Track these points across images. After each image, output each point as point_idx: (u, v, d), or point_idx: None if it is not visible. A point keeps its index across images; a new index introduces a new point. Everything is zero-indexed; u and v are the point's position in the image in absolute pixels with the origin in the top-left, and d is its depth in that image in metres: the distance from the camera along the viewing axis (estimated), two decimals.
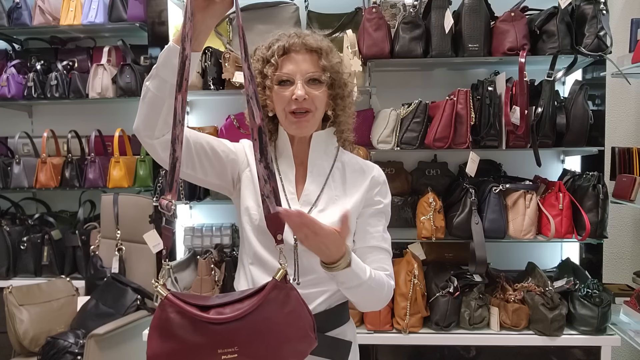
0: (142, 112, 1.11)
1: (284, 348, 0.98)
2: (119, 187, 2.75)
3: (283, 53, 1.19)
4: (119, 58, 2.93)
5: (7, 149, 3.04)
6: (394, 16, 2.35)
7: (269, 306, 0.97)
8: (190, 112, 2.69)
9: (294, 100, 1.15)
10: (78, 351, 2.20)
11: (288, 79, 1.17)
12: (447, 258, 2.38)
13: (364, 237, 1.24)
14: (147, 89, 1.08)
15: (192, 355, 0.95)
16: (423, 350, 2.12)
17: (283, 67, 1.18)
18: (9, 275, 2.78)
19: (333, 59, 1.21)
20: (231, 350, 0.95)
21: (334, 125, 1.27)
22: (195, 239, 2.50)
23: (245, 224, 1.21)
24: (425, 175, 2.44)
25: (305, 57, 1.18)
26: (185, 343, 0.95)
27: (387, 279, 1.21)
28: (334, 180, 1.25)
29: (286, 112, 1.18)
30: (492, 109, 2.13)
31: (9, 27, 2.89)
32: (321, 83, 1.18)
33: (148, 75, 1.09)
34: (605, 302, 2.03)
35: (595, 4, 2.07)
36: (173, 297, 0.99)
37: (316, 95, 1.17)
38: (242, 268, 1.25)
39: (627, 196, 2.20)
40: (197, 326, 0.95)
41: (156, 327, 0.97)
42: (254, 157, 1.01)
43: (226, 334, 0.95)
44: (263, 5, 2.43)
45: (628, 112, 2.68)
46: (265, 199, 0.99)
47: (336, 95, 1.22)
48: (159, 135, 1.11)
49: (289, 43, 1.19)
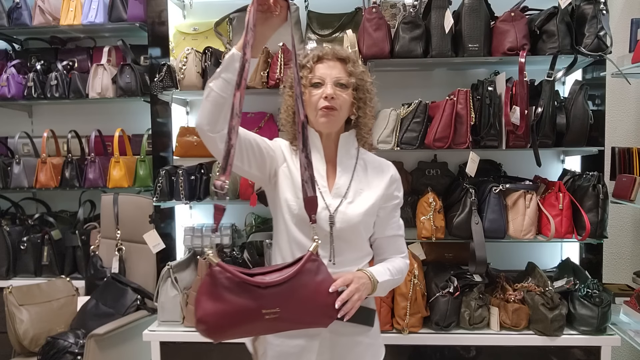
0: (206, 110, 1.23)
1: (317, 309, 1.19)
2: (119, 187, 2.75)
3: (317, 60, 1.40)
4: (119, 58, 2.93)
5: (7, 149, 3.04)
6: (394, 16, 2.35)
7: (305, 275, 1.18)
8: (190, 112, 2.69)
9: (323, 98, 1.35)
10: (78, 351, 2.20)
11: (320, 82, 1.37)
12: (447, 258, 2.38)
13: (384, 228, 1.46)
14: (210, 89, 1.22)
15: (240, 315, 1.13)
16: (423, 350, 2.12)
17: (316, 72, 1.39)
18: (9, 275, 2.78)
19: (358, 68, 1.42)
20: (274, 311, 1.13)
21: (356, 127, 1.45)
22: (195, 239, 2.50)
23: (285, 213, 1.38)
24: (425, 175, 2.44)
25: (336, 64, 1.39)
26: (234, 304, 1.12)
27: (403, 262, 1.47)
28: (358, 176, 1.43)
29: (317, 109, 1.36)
30: (492, 109, 2.13)
31: (9, 27, 2.89)
32: (347, 87, 1.38)
33: (211, 78, 1.23)
34: (605, 302, 2.03)
35: (595, 4, 2.07)
36: (224, 265, 1.14)
37: (342, 96, 1.37)
38: (279, 252, 1.41)
39: (627, 196, 2.21)
40: (245, 289, 1.13)
41: (206, 291, 1.13)
42: (296, 155, 1.27)
43: (270, 296, 1.14)
44: None
45: (628, 112, 2.68)
46: (304, 183, 1.24)
47: (360, 99, 1.41)
48: (220, 129, 1.24)
49: (322, 52, 1.41)
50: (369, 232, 1.44)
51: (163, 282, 2.21)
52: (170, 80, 2.31)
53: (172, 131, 2.54)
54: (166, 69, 2.30)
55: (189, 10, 2.64)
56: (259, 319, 1.14)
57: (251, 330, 1.20)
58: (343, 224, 1.35)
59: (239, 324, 1.15)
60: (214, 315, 1.12)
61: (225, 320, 1.14)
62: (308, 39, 2.45)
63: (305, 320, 1.20)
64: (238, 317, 1.13)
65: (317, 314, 1.20)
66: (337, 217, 1.35)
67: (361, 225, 1.38)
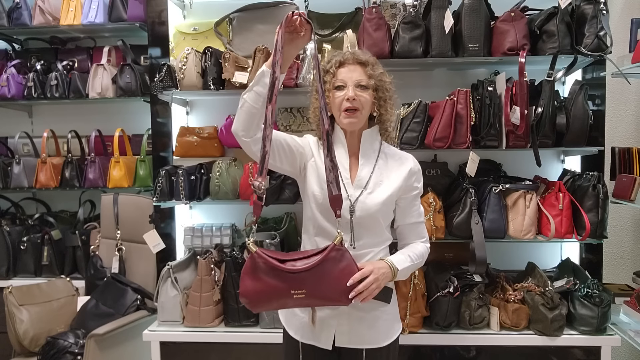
0: (241, 118, 1.40)
1: (339, 293, 1.37)
2: (119, 187, 2.75)
3: (339, 65, 1.53)
4: (119, 58, 2.93)
5: (7, 149, 3.04)
6: (394, 16, 2.35)
7: (328, 262, 1.37)
8: (190, 112, 2.69)
9: (346, 100, 1.48)
10: (78, 351, 2.20)
11: (342, 84, 1.50)
12: (447, 258, 2.38)
13: (404, 216, 1.60)
14: (244, 101, 1.39)
15: (273, 293, 1.36)
16: (423, 350, 2.12)
17: (338, 76, 1.52)
18: (9, 275, 2.78)
19: (377, 70, 1.54)
20: (300, 292, 1.35)
21: (379, 123, 1.59)
22: (195, 239, 2.51)
23: (312, 203, 1.54)
24: (425, 175, 2.40)
25: (356, 67, 1.52)
26: (268, 285, 1.36)
27: (424, 246, 1.61)
28: (379, 168, 1.56)
29: (340, 110, 1.50)
30: (492, 109, 2.13)
31: (9, 27, 2.89)
32: (367, 88, 1.51)
33: (245, 90, 1.39)
34: (605, 302, 2.03)
35: (595, 4, 2.07)
36: (261, 252, 1.37)
37: (363, 97, 1.50)
38: (308, 238, 1.59)
39: (627, 196, 2.21)
40: (276, 274, 1.35)
41: (248, 272, 1.37)
42: (323, 152, 1.44)
43: (298, 280, 1.35)
44: (263, 5, 2.43)
45: (628, 112, 2.68)
46: (329, 184, 1.40)
47: (380, 98, 1.55)
48: (253, 135, 1.41)
49: (343, 58, 1.53)
50: (387, 220, 1.57)
51: (163, 282, 2.21)
52: (170, 80, 2.31)
53: (172, 131, 2.54)
54: (166, 69, 2.30)
55: (189, 10, 2.64)
56: (288, 297, 1.36)
57: (283, 305, 1.42)
58: (362, 212, 1.49)
59: (272, 300, 1.38)
60: (253, 292, 1.37)
61: (261, 297, 1.37)
62: None
63: (328, 300, 1.39)
64: (271, 294, 1.36)
65: (338, 297, 1.38)
66: (357, 207, 1.49)
67: (379, 214, 1.51)
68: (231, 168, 2.33)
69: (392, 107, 1.59)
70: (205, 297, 2.17)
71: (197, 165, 2.37)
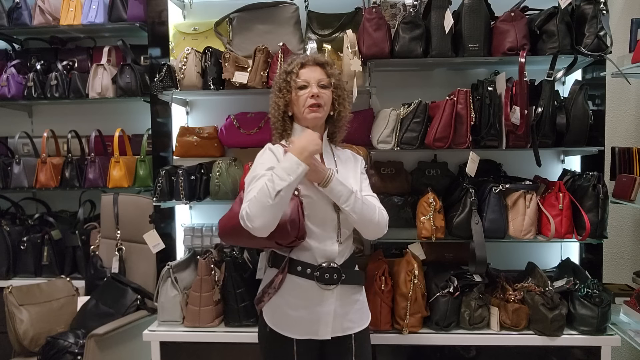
0: (272, 214, 1.47)
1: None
2: (119, 187, 2.75)
3: (301, 66, 1.68)
4: (119, 58, 2.93)
5: (7, 149, 3.04)
6: (394, 16, 2.35)
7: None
8: (190, 112, 2.69)
9: (310, 97, 1.63)
10: (78, 351, 2.20)
11: (305, 84, 1.65)
12: (447, 258, 2.38)
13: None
14: (280, 197, 1.46)
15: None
16: (423, 350, 2.12)
17: (301, 76, 1.66)
18: (9, 275, 2.78)
19: (335, 70, 1.72)
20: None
21: (337, 121, 1.73)
22: (195, 239, 2.51)
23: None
24: (425, 175, 2.44)
25: (316, 68, 1.68)
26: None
27: (378, 204, 1.70)
28: (339, 166, 1.73)
29: (305, 107, 1.64)
30: (492, 109, 2.13)
31: (9, 27, 2.89)
32: (328, 87, 1.67)
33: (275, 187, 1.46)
34: (605, 302, 2.03)
35: (595, 4, 2.07)
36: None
37: (325, 94, 1.66)
38: None
39: (627, 196, 2.20)
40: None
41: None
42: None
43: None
44: (263, 5, 2.43)
45: (628, 112, 2.68)
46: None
47: (339, 96, 1.71)
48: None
49: (304, 59, 1.69)
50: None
51: (163, 282, 2.21)
52: (170, 80, 2.31)
53: (172, 131, 2.54)
54: (166, 69, 2.30)
55: (189, 10, 2.64)
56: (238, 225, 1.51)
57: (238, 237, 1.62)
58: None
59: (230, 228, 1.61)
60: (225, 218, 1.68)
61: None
62: (308, 39, 2.45)
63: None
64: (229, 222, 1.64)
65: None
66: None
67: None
68: (231, 168, 2.33)
69: (349, 105, 1.75)
70: (205, 297, 2.17)
71: (197, 165, 2.37)
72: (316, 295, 1.62)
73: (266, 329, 1.67)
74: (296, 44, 2.41)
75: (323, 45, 2.32)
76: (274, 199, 1.43)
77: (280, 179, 1.45)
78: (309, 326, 1.62)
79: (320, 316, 1.62)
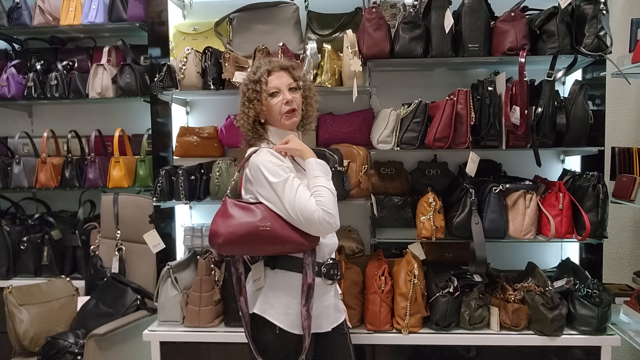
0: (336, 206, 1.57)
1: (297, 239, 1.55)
2: (119, 187, 2.75)
3: (268, 74, 1.67)
4: (119, 58, 2.93)
5: (7, 149, 3.04)
6: (394, 16, 2.35)
7: None
8: (190, 112, 2.69)
9: (285, 104, 1.66)
10: (78, 351, 2.20)
11: (276, 90, 1.66)
12: (447, 258, 2.38)
13: None
14: (331, 192, 1.58)
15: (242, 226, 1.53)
16: (423, 350, 2.12)
17: (270, 84, 1.66)
18: (9, 275, 2.78)
19: (300, 72, 1.76)
20: (265, 225, 1.53)
21: (304, 119, 1.77)
22: (195, 239, 2.50)
23: None
24: (425, 175, 2.44)
25: (283, 73, 1.69)
26: (238, 218, 1.55)
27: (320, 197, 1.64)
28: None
29: (281, 114, 1.66)
30: (492, 109, 2.13)
31: (9, 27, 2.89)
32: (297, 90, 1.71)
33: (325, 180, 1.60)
34: (605, 302, 2.03)
35: (595, 4, 2.07)
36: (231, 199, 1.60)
37: (296, 97, 1.69)
38: None
39: (627, 196, 2.20)
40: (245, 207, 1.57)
41: (219, 214, 1.58)
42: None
43: (264, 216, 1.54)
44: (263, 5, 2.43)
45: (628, 112, 2.68)
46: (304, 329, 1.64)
47: (307, 96, 1.75)
48: None
49: (270, 66, 1.69)
50: None
51: (163, 282, 2.21)
52: (170, 80, 2.31)
53: (172, 131, 2.54)
54: (166, 69, 2.30)
55: (189, 10, 2.64)
56: (256, 231, 1.52)
57: (251, 241, 1.54)
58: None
59: (240, 235, 1.52)
60: (223, 228, 1.54)
61: (230, 230, 1.53)
62: (308, 39, 2.45)
63: (290, 240, 1.53)
64: (239, 227, 1.53)
65: (298, 237, 1.53)
66: None
67: None
68: (231, 168, 2.33)
69: (316, 103, 1.78)
70: (205, 297, 2.17)
71: (197, 165, 2.37)
72: (320, 291, 1.66)
73: (275, 332, 1.62)
74: (296, 44, 2.41)
75: (323, 45, 2.32)
76: (335, 196, 1.57)
77: (328, 179, 1.59)
78: (314, 321, 1.63)
79: (323, 310, 1.67)
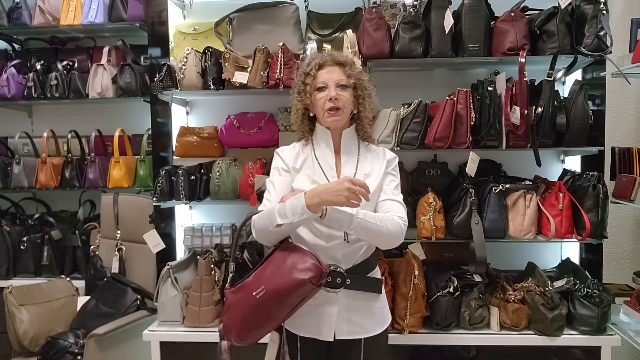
0: (271, 237, 1.52)
1: (291, 273, 1.42)
2: (119, 187, 2.75)
3: (319, 67, 1.61)
4: (119, 58, 2.93)
5: (7, 149, 3.04)
6: (394, 16, 2.35)
7: (276, 256, 1.48)
8: (190, 112, 2.69)
9: (328, 100, 1.57)
10: (78, 351, 2.20)
11: (324, 85, 1.59)
12: (447, 258, 2.38)
13: (380, 194, 1.63)
14: (279, 229, 1.46)
15: (243, 307, 1.47)
16: (423, 350, 2.12)
17: (319, 77, 1.60)
18: (9, 275, 2.78)
19: (355, 69, 1.63)
20: (261, 289, 1.43)
21: (359, 120, 1.67)
22: (195, 239, 2.50)
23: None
24: (425, 175, 2.44)
25: (335, 68, 1.60)
26: (237, 302, 1.49)
27: (391, 216, 1.54)
28: (361, 164, 1.64)
29: (324, 110, 1.59)
30: (492, 109, 2.13)
31: (9, 27, 2.89)
32: (347, 87, 1.59)
33: (282, 216, 1.44)
34: (605, 302, 2.03)
35: (595, 4, 2.07)
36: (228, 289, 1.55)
37: (344, 96, 1.59)
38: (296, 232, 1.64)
39: (627, 196, 2.20)
40: (239, 289, 1.50)
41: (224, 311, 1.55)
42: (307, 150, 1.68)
43: (255, 281, 1.47)
44: (263, 5, 2.43)
45: (628, 112, 2.68)
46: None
47: (359, 96, 1.63)
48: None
49: (322, 60, 1.61)
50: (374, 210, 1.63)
51: (163, 282, 2.21)
52: (170, 80, 2.31)
53: (172, 131, 2.54)
54: (166, 69, 2.30)
55: (189, 10, 2.64)
56: (253, 302, 1.43)
57: (262, 317, 1.46)
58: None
59: (247, 317, 1.46)
60: (229, 319, 1.49)
61: (236, 317, 1.48)
62: (308, 39, 2.45)
63: (288, 285, 1.41)
64: (242, 310, 1.46)
65: (294, 280, 1.41)
66: None
67: (367, 207, 1.55)
68: (231, 168, 2.33)
69: (370, 104, 1.66)
70: (205, 297, 2.17)
71: (197, 165, 2.37)
72: (321, 297, 1.56)
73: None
74: (296, 44, 2.41)
75: (323, 45, 2.32)
76: (273, 228, 1.44)
77: (283, 215, 1.42)
78: (313, 326, 1.59)
79: (323, 317, 1.58)
